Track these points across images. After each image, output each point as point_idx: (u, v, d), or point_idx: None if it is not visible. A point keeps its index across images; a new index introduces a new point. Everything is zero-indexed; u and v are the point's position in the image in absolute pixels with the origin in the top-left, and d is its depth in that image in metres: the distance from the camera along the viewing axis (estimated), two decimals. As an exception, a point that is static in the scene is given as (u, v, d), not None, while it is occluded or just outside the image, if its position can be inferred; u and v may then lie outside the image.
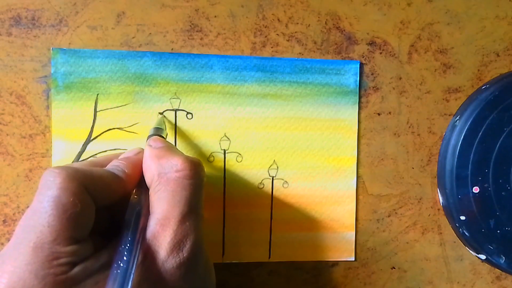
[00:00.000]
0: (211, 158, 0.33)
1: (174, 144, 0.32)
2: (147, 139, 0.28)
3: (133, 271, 0.21)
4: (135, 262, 0.21)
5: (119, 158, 0.27)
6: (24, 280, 0.19)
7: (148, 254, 0.22)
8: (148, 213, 0.24)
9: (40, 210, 0.20)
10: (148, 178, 0.25)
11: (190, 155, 0.33)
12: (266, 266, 0.34)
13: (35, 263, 0.20)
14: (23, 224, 0.21)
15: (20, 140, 0.31)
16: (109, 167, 0.25)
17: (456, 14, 0.35)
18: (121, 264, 0.21)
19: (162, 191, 0.23)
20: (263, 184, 0.33)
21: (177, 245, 0.22)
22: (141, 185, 0.25)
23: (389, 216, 0.35)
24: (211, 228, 0.33)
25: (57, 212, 0.20)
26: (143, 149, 0.27)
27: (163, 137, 0.29)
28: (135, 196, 0.24)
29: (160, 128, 0.30)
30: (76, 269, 0.20)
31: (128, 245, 0.21)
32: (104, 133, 0.32)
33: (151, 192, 0.24)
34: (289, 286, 0.34)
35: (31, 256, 0.20)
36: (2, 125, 0.31)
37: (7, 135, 0.31)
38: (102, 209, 0.24)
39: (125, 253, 0.21)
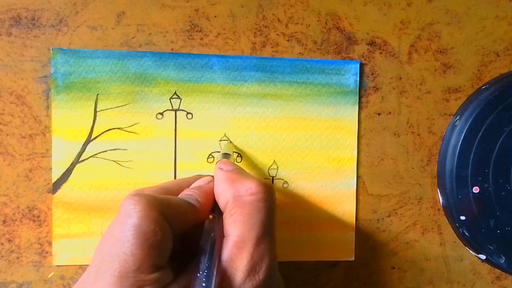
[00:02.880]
0: (211, 159, 0.33)
1: (174, 144, 0.32)
2: (216, 163, 0.29)
3: None
4: (212, 285, 0.21)
5: (191, 187, 0.27)
6: None
7: (225, 277, 0.22)
8: (222, 237, 0.24)
9: (123, 239, 0.21)
10: (222, 201, 0.25)
11: (191, 156, 0.33)
12: (266, 266, 0.34)
13: None
14: (104, 252, 0.21)
15: (20, 140, 0.31)
16: (183, 196, 0.26)
17: (456, 14, 0.35)
18: None
19: (237, 214, 0.24)
20: (263, 184, 0.33)
21: (253, 268, 0.23)
22: (214, 210, 0.26)
23: (389, 216, 0.35)
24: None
25: (139, 240, 0.21)
26: (213, 178, 0.28)
27: None
28: (210, 223, 0.25)
29: (228, 154, 0.30)
30: None
31: (205, 271, 0.22)
32: (104, 133, 0.32)
33: (226, 215, 0.25)
34: (289, 286, 0.34)
35: (116, 285, 0.20)
36: (2, 125, 0.31)
37: (7, 135, 0.31)
38: (176, 235, 0.24)
39: (203, 279, 0.21)
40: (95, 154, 0.32)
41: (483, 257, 0.35)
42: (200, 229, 0.25)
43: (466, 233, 0.34)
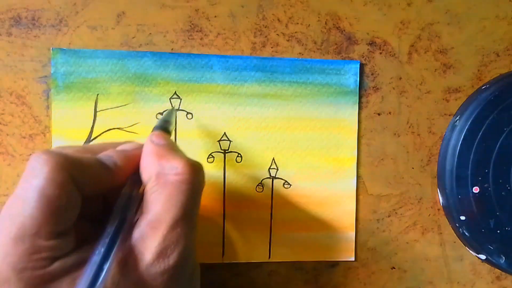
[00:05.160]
0: (211, 159, 0.33)
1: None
2: (152, 130, 0.27)
3: (106, 266, 0.20)
4: (110, 257, 0.20)
5: (116, 148, 0.25)
6: (0, 272, 0.19)
7: (132, 254, 0.21)
8: (139, 210, 0.23)
9: (24, 200, 0.19)
10: (145, 176, 0.24)
11: (191, 156, 0.33)
12: (266, 266, 0.34)
13: (14, 255, 0.19)
14: (4, 212, 0.20)
15: (20, 140, 0.31)
16: (101, 156, 0.24)
17: (456, 14, 0.35)
18: (96, 258, 0.20)
19: (158, 193, 0.23)
20: (263, 184, 0.33)
21: (164, 251, 0.21)
22: (137, 180, 0.24)
23: (389, 216, 0.35)
24: (211, 228, 0.33)
25: (41, 204, 0.19)
26: (142, 145, 0.26)
27: (168, 132, 0.28)
28: (127, 189, 0.23)
29: (168, 121, 0.28)
30: (56, 265, 0.20)
31: (108, 238, 0.20)
32: (104, 133, 0.32)
33: (146, 190, 0.23)
34: (289, 286, 0.34)
35: (11, 248, 0.19)
36: (2, 125, 0.31)
37: (7, 135, 0.31)
38: (95, 196, 0.23)
39: (103, 246, 0.20)
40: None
41: (483, 257, 0.35)
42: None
43: (466, 233, 0.34)
